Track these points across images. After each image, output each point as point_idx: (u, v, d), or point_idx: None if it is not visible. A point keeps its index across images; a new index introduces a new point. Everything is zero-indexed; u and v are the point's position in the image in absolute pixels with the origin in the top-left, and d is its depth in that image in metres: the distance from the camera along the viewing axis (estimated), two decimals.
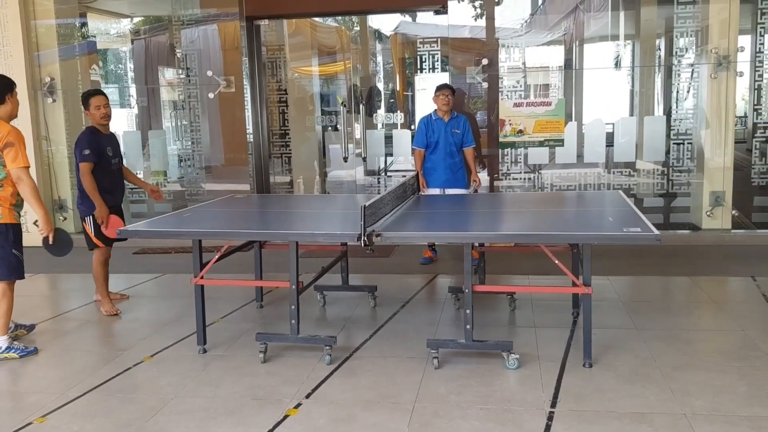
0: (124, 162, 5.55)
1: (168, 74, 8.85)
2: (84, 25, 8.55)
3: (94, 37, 8.57)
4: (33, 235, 4.67)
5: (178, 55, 8.22)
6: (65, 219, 8.27)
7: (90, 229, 5.18)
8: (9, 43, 7.81)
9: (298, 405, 3.53)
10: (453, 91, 6.34)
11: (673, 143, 7.41)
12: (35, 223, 4.68)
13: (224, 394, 3.70)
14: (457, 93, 6.76)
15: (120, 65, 9.26)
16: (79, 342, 4.75)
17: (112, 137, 5.40)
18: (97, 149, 5.11)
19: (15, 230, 4.32)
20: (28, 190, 4.23)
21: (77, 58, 8.39)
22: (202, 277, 4.26)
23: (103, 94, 5.31)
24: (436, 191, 6.25)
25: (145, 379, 3.97)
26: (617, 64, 8.01)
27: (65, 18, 8.33)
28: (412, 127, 8.28)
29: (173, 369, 4.08)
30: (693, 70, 7.33)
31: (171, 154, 8.56)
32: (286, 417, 3.41)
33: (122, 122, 8.87)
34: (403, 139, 8.02)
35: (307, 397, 3.63)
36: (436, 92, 6.34)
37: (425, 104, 8.07)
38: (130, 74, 9.04)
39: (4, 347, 4.34)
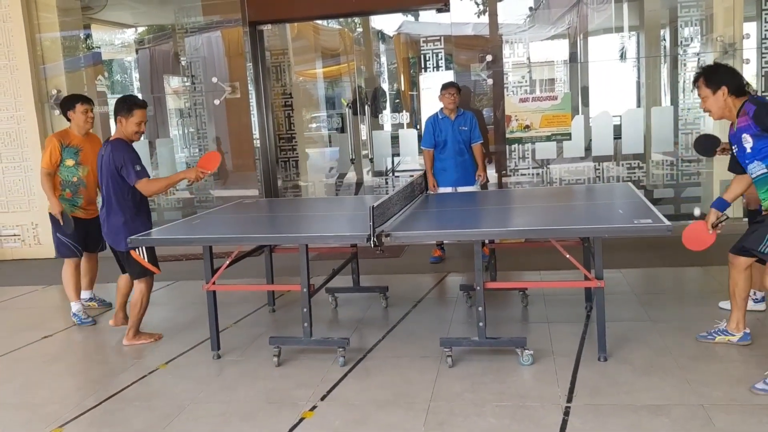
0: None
1: (173, 82, 8.88)
2: (88, 36, 8.60)
3: (99, 48, 8.61)
4: (45, 247, 4.69)
5: (183, 63, 8.25)
6: None
7: (143, 257, 4.52)
8: (14, 57, 7.84)
9: (314, 407, 3.54)
10: (458, 88, 6.35)
11: (682, 133, 7.36)
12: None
13: (239, 399, 3.70)
14: (463, 90, 6.77)
15: (125, 75, 9.30)
16: (94, 352, 4.78)
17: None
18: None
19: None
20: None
21: (83, 69, 8.43)
22: (213, 283, 4.28)
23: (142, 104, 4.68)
24: (448, 190, 6.26)
25: (161, 386, 3.98)
26: (622, 56, 7.96)
27: (70, 30, 8.36)
28: (418, 126, 8.27)
29: (188, 375, 4.10)
30: (699, 59, 7.27)
31: (179, 162, 8.58)
32: (301, 420, 3.41)
33: None
34: (409, 138, 8.01)
35: (322, 399, 3.63)
36: (441, 91, 6.35)
37: (431, 103, 8.05)
38: (136, 84, 9.08)
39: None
